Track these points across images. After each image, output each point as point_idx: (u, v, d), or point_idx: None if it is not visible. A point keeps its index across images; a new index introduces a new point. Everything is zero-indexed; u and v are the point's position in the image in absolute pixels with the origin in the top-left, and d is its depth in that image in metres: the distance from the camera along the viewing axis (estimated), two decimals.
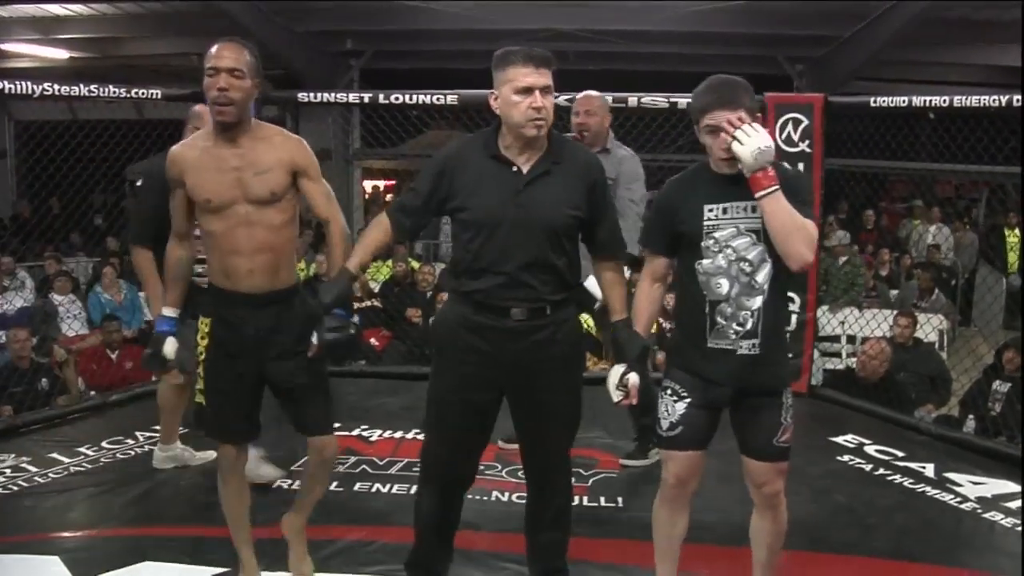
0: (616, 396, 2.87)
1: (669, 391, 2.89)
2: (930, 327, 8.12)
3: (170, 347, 3.08)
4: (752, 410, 2.84)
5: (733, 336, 2.77)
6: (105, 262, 9.31)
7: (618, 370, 2.86)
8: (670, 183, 2.95)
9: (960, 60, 12.55)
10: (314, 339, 2.97)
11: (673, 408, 2.86)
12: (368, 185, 16.52)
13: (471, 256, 2.83)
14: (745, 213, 2.76)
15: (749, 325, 2.77)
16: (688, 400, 2.85)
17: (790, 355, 2.93)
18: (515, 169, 2.81)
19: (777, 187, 2.64)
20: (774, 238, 2.67)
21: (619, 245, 2.99)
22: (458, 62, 12.01)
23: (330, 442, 3.16)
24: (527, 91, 2.72)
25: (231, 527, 3.18)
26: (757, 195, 2.66)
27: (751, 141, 2.64)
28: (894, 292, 9.98)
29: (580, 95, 4.44)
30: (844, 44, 11.08)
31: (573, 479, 4.16)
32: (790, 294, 5.84)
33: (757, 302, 2.76)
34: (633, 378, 2.83)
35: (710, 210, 2.77)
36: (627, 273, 3.12)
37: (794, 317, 5.84)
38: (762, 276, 2.76)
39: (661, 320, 8.08)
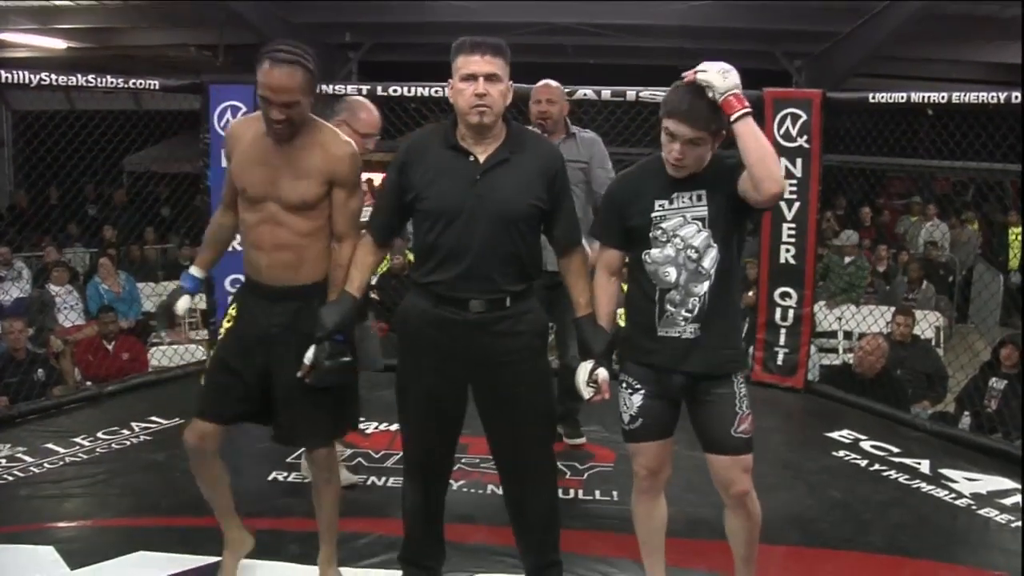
0: (587, 393, 2.87)
1: (624, 384, 2.90)
2: (927, 323, 8.13)
3: (183, 303, 3.06)
4: (706, 403, 2.84)
5: (682, 323, 2.78)
6: (102, 252, 9.30)
7: (586, 367, 2.87)
8: (621, 177, 2.98)
9: (959, 57, 12.56)
10: (306, 360, 2.89)
11: (631, 401, 2.88)
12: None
13: (429, 247, 2.83)
14: (691, 202, 2.78)
15: (696, 310, 2.78)
16: (643, 392, 2.86)
17: (741, 344, 2.92)
18: (472, 158, 2.80)
19: (750, 110, 2.64)
20: (747, 162, 2.63)
21: (578, 234, 2.97)
22: None
23: (324, 465, 3.12)
24: (471, 78, 2.72)
25: (213, 506, 3.14)
26: (732, 117, 2.64)
27: (712, 66, 2.66)
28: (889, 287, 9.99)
29: (539, 84, 4.40)
30: (843, 40, 11.08)
31: (568, 473, 4.24)
32: (786, 289, 5.89)
33: (703, 287, 2.77)
34: (603, 373, 2.85)
35: (660, 204, 2.78)
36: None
37: (791, 312, 5.86)
38: (708, 261, 2.77)
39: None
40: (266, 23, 11.08)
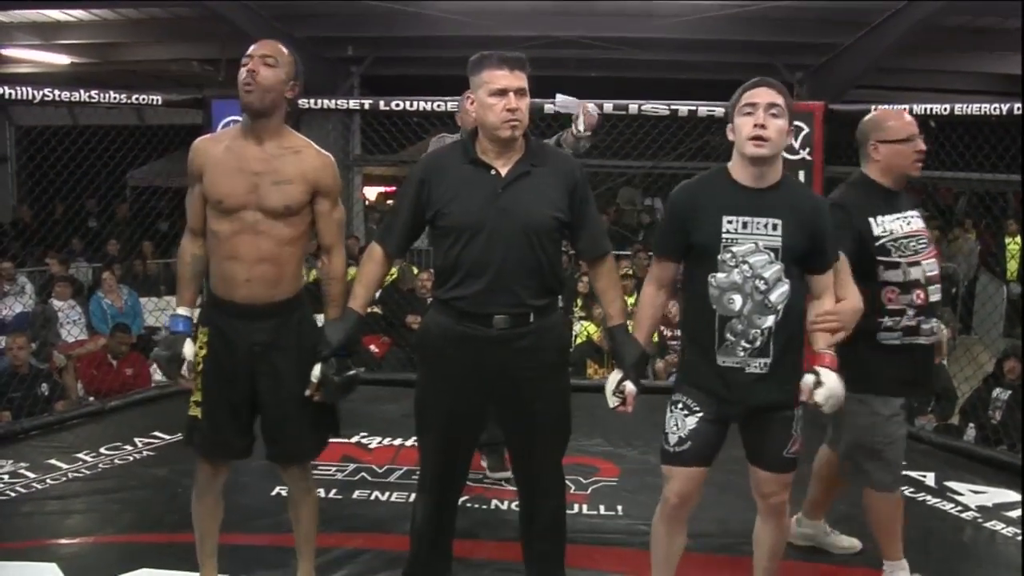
0: (612, 402, 2.86)
1: (680, 405, 2.83)
2: None
3: (189, 349, 2.98)
4: (763, 423, 2.81)
5: (742, 354, 2.73)
6: (106, 267, 9.30)
7: (615, 376, 2.86)
8: (685, 186, 2.90)
9: (960, 68, 12.57)
10: (313, 377, 2.89)
11: (684, 422, 2.81)
12: (369, 192, 16.49)
13: (451, 263, 2.82)
14: (765, 230, 2.73)
15: (759, 343, 2.72)
16: (700, 415, 2.80)
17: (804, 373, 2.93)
18: (493, 172, 2.80)
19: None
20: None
21: (606, 246, 2.96)
22: (458, 69, 11.89)
23: (302, 480, 3.10)
24: (501, 93, 2.73)
25: (197, 541, 3.09)
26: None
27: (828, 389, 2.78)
28: None
29: None
30: (844, 52, 11.09)
31: (572, 487, 4.22)
32: None
33: (769, 321, 2.72)
34: (630, 387, 2.83)
35: (729, 222, 2.73)
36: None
37: None
38: (776, 295, 2.72)
39: (662, 328, 8.09)
40: (268, 37, 11.06)
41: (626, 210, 13.90)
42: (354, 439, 4.93)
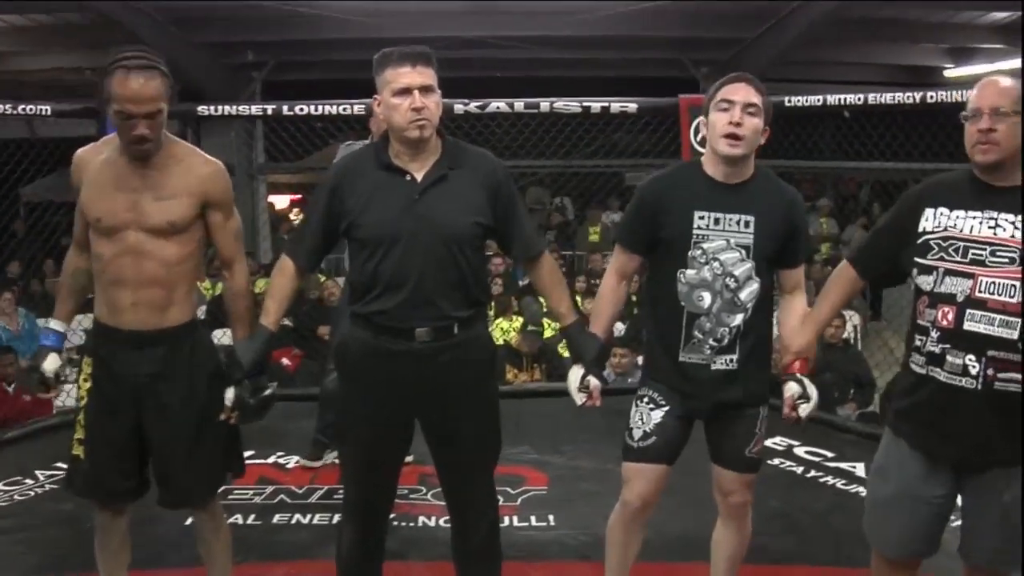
0: (579, 399, 2.77)
1: (646, 399, 2.78)
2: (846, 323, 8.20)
3: (51, 363, 2.78)
4: (726, 421, 2.76)
5: (708, 351, 2.68)
6: (4, 288, 8.84)
7: (577, 372, 2.77)
8: (655, 179, 2.82)
9: (865, 59, 12.80)
10: (227, 400, 2.71)
11: (649, 416, 2.76)
12: (279, 201, 16.13)
13: (369, 276, 2.65)
14: (737, 227, 2.66)
15: (726, 341, 2.67)
16: (666, 408, 2.74)
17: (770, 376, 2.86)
18: (408, 178, 2.64)
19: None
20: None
21: (541, 245, 2.84)
22: (364, 72, 11.72)
23: (209, 514, 2.91)
24: (405, 91, 2.57)
25: None
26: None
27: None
28: None
29: None
30: (750, 46, 11.18)
31: (501, 499, 4.05)
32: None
33: (737, 319, 2.67)
34: (594, 381, 2.75)
35: (701, 217, 2.67)
36: None
37: None
38: (746, 294, 2.67)
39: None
40: (163, 43, 10.72)
41: (536, 210, 13.82)
42: (271, 459, 4.71)
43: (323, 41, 11.07)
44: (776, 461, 4.65)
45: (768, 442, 4.83)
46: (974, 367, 2.33)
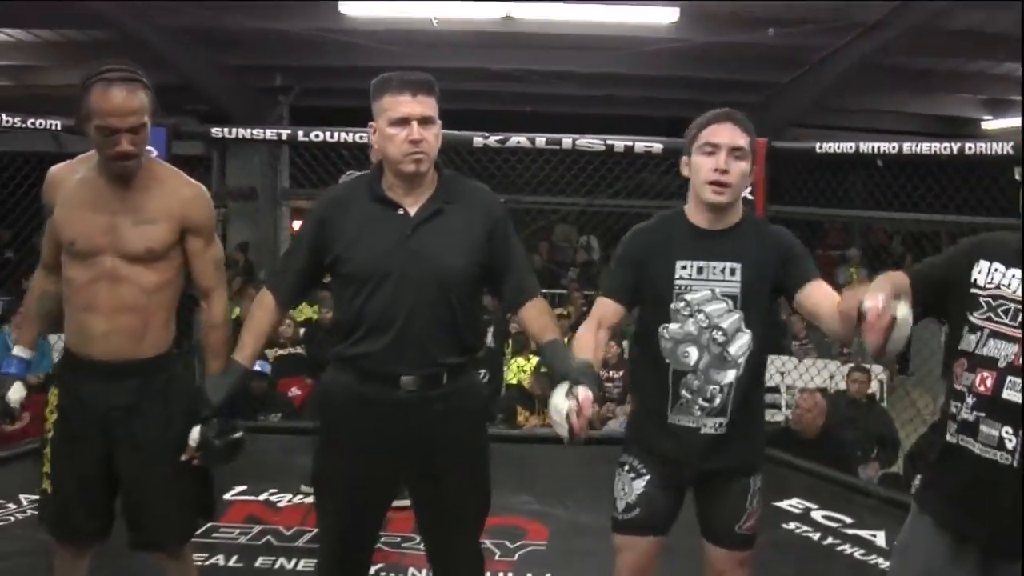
0: (562, 429, 2.25)
1: (627, 467, 2.57)
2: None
3: (15, 393, 2.61)
4: (715, 492, 2.55)
5: (698, 413, 2.47)
6: (18, 301, 8.74)
7: (562, 389, 2.30)
8: (638, 231, 2.62)
9: (899, 108, 12.59)
10: (192, 440, 2.53)
11: (631, 487, 2.55)
12: (298, 226, 16.06)
13: (354, 315, 2.45)
14: (723, 276, 2.46)
15: (717, 401, 2.46)
16: (647, 477, 2.53)
17: (764, 440, 2.67)
18: (401, 212, 2.45)
19: None
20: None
21: (533, 289, 2.59)
22: None
23: (180, 563, 2.73)
24: (403, 122, 2.39)
25: None
26: None
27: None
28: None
29: None
30: (783, 90, 11.00)
31: (498, 553, 3.86)
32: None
33: (729, 376, 2.46)
34: (583, 391, 2.25)
35: (683, 267, 2.48)
36: None
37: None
38: (736, 348, 2.46)
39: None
40: (190, 64, 10.69)
41: (562, 247, 13.63)
42: (262, 496, 4.50)
43: (351, 68, 10.95)
44: (792, 525, 4.41)
45: (785, 503, 4.66)
46: (1010, 440, 2.08)
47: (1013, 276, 2.15)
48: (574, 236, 14.06)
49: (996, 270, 2.18)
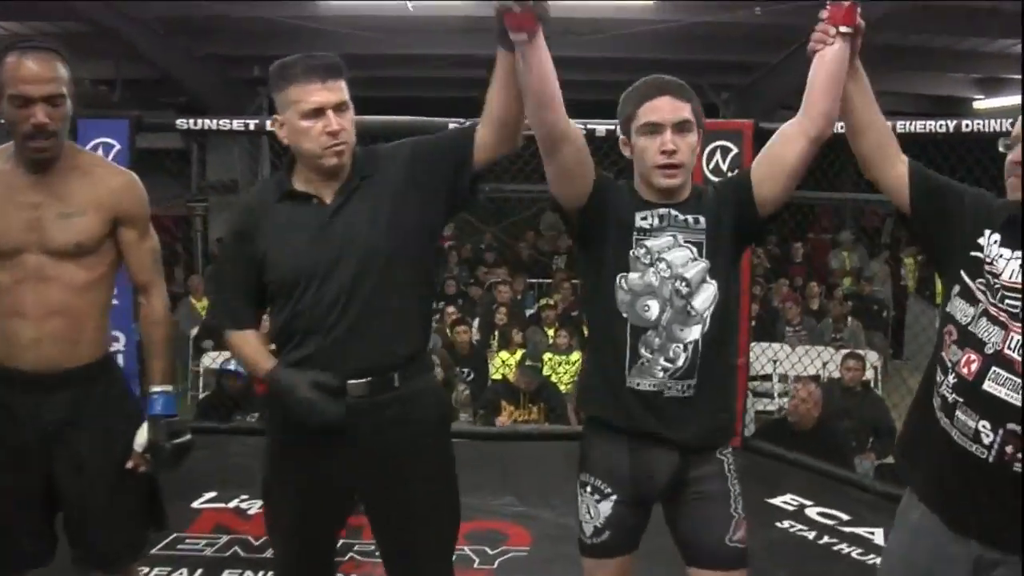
0: None
1: (589, 488, 2.31)
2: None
3: None
4: (692, 503, 2.28)
5: (660, 374, 2.20)
6: None
7: None
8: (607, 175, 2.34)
9: (889, 88, 12.37)
10: (138, 445, 2.36)
11: (597, 510, 2.29)
12: None
13: (286, 322, 2.24)
14: (686, 224, 2.23)
15: (681, 361, 2.20)
16: (614, 498, 2.28)
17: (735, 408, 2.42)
18: (315, 201, 2.23)
19: None
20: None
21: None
22: (373, 90, 11.51)
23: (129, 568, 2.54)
24: (317, 112, 2.15)
25: None
26: None
27: None
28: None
29: None
30: (771, 71, 10.79)
31: (477, 560, 3.64)
32: None
33: (694, 333, 2.20)
34: None
35: (643, 218, 2.22)
36: None
37: None
38: (701, 301, 2.21)
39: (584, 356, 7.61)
40: (166, 56, 10.46)
41: (549, 236, 13.43)
42: (232, 503, 4.28)
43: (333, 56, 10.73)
44: (786, 524, 4.20)
45: (778, 500, 4.46)
46: (987, 436, 1.89)
47: (1001, 255, 1.96)
48: (562, 224, 13.85)
49: (995, 242, 1.98)
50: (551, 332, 8.28)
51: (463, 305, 9.90)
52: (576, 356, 7.60)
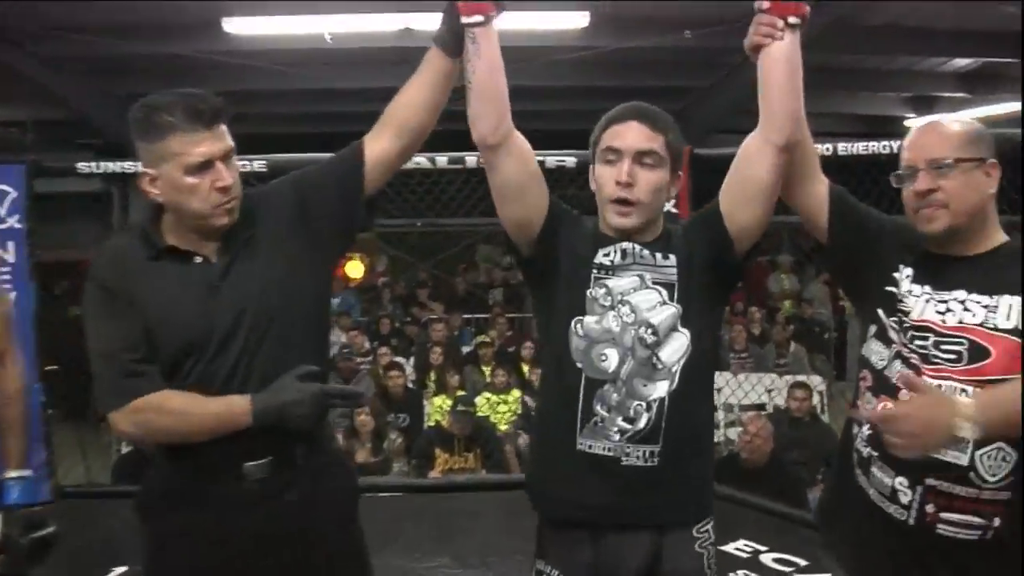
0: None
1: None
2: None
3: None
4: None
5: (616, 436, 1.91)
6: None
7: None
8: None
9: (818, 109, 12.36)
10: None
11: None
12: None
13: None
14: (654, 261, 1.96)
15: (643, 423, 1.91)
16: None
17: (712, 478, 2.15)
18: (200, 260, 1.92)
19: None
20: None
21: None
22: (306, 126, 11.18)
23: None
24: (205, 166, 1.85)
25: None
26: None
27: None
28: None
29: None
30: (703, 95, 10.69)
31: None
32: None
33: (659, 390, 1.92)
34: None
35: (606, 255, 1.96)
36: None
37: None
38: (669, 352, 1.93)
39: (527, 399, 7.34)
40: (81, 96, 10.05)
41: (482, 267, 13.18)
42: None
43: (247, 92, 10.36)
44: (740, 574, 3.94)
45: (730, 548, 4.18)
46: (905, 494, 1.70)
47: (917, 296, 1.84)
48: (498, 256, 13.60)
49: (908, 277, 1.87)
50: (487, 370, 8.02)
51: (398, 344, 9.60)
52: (515, 394, 7.35)
